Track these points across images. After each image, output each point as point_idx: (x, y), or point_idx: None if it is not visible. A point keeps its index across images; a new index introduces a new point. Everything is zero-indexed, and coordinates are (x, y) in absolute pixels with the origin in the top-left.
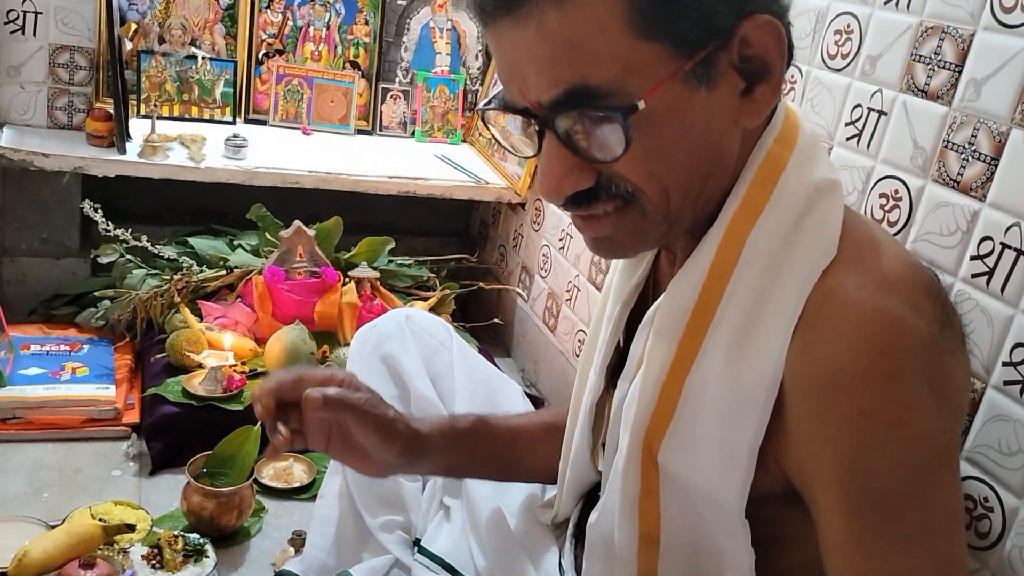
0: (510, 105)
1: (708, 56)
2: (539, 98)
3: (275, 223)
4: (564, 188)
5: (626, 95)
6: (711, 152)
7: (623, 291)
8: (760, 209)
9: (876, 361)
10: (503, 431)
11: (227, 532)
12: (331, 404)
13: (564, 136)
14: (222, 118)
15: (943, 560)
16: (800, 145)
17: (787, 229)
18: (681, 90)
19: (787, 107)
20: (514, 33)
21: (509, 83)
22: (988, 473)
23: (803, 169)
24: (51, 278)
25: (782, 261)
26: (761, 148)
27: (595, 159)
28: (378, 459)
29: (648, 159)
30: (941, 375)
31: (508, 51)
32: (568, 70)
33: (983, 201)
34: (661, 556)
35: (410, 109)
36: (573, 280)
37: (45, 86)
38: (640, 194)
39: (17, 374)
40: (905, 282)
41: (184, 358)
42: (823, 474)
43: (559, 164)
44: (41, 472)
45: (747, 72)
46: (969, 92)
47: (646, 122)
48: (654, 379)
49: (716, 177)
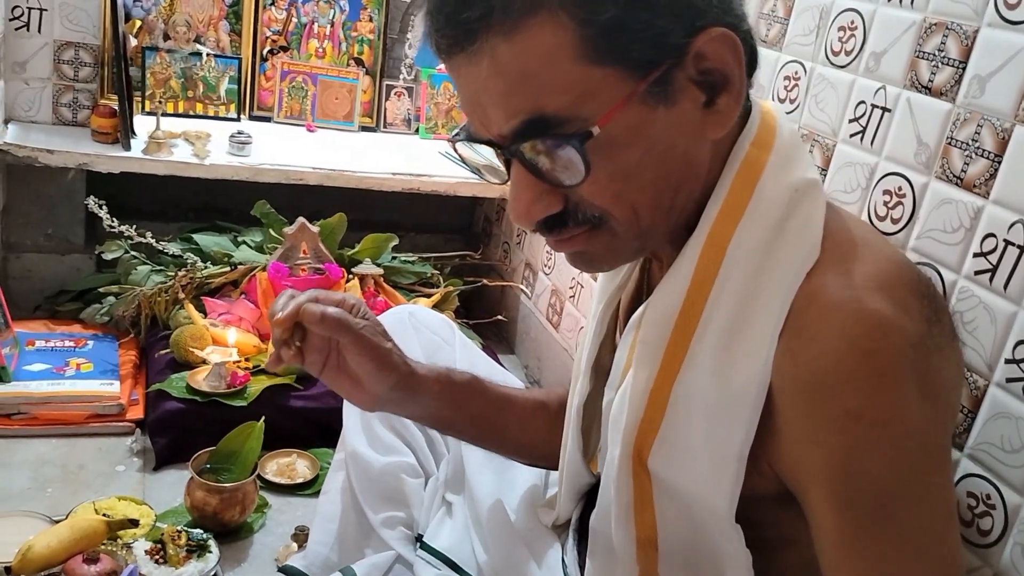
0: (476, 137)
1: (663, 75)
2: (500, 129)
3: (279, 220)
4: (533, 214)
5: (582, 121)
6: (677, 166)
7: (606, 292)
8: (740, 214)
9: (862, 362)
10: (495, 395)
11: (230, 527)
12: (328, 322)
13: (529, 164)
14: (226, 115)
15: (936, 559)
16: (778, 147)
17: (769, 232)
18: (639, 110)
19: (764, 109)
20: (470, 69)
21: (472, 116)
22: (990, 470)
23: (782, 171)
24: (56, 274)
25: (765, 265)
26: (737, 153)
27: (560, 184)
28: (370, 389)
29: (612, 181)
30: (930, 374)
31: (466, 86)
32: (524, 101)
33: (986, 198)
34: (661, 558)
35: (414, 106)
36: (576, 277)
37: (50, 83)
38: (608, 216)
39: (22, 370)
40: (891, 281)
41: (188, 354)
42: (814, 475)
43: (527, 191)
44: (45, 467)
45: (707, 84)
46: (973, 89)
47: (605, 145)
48: (642, 388)
49: (687, 189)
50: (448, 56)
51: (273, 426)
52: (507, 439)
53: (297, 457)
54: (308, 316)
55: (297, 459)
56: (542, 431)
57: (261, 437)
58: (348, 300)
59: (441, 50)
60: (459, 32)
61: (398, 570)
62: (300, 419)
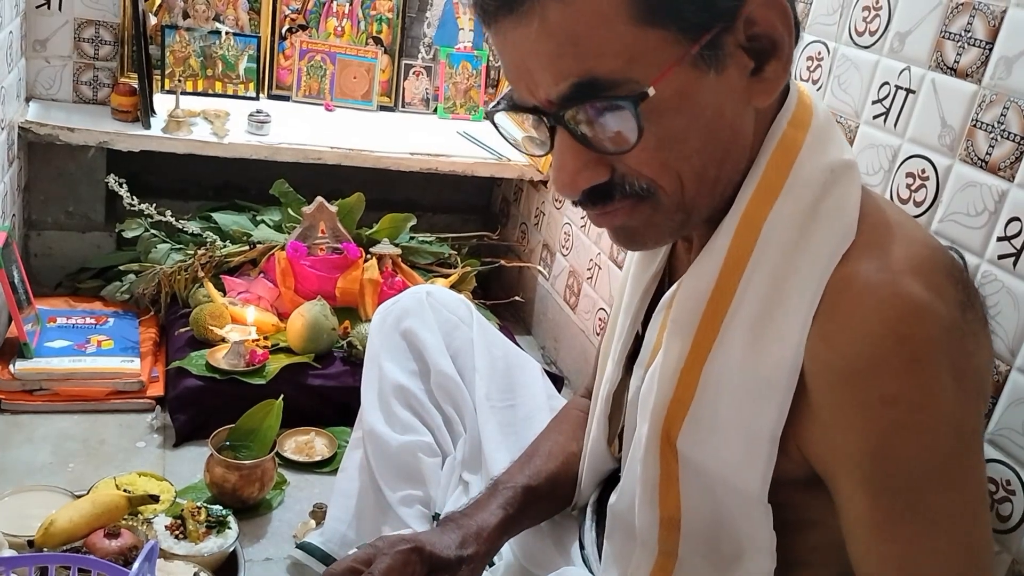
0: (520, 105)
1: (714, 39)
2: (548, 95)
3: (297, 199)
4: (579, 183)
5: (634, 83)
6: (725, 135)
7: (641, 281)
8: (776, 194)
9: (897, 347)
10: (545, 489)
11: (249, 504)
12: None
13: (576, 131)
14: (245, 93)
15: (967, 544)
16: (814, 127)
17: (804, 214)
18: (689, 75)
19: (800, 88)
20: (517, 31)
21: (517, 82)
22: (1011, 456)
23: (818, 151)
24: (77, 251)
25: (799, 247)
26: (775, 131)
27: (608, 151)
28: None
29: (660, 148)
30: (963, 359)
31: (513, 50)
32: (574, 64)
33: (1011, 181)
34: (682, 539)
35: (432, 85)
36: (594, 258)
37: (71, 61)
38: (655, 187)
39: (43, 346)
40: (925, 265)
41: (207, 332)
42: (846, 461)
43: (573, 159)
44: (67, 443)
45: (755, 51)
46: (1000, 70)
47: (656, 109)
48: (672, 367)
49: (732, 160)
50: (494, 18)
51: (292, 404)
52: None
53: (315, 435)
54: None
55: (315, 437)
56: None
57: (280, 415)
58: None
59: (487, 12)
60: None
61: None
62: (318, 397)
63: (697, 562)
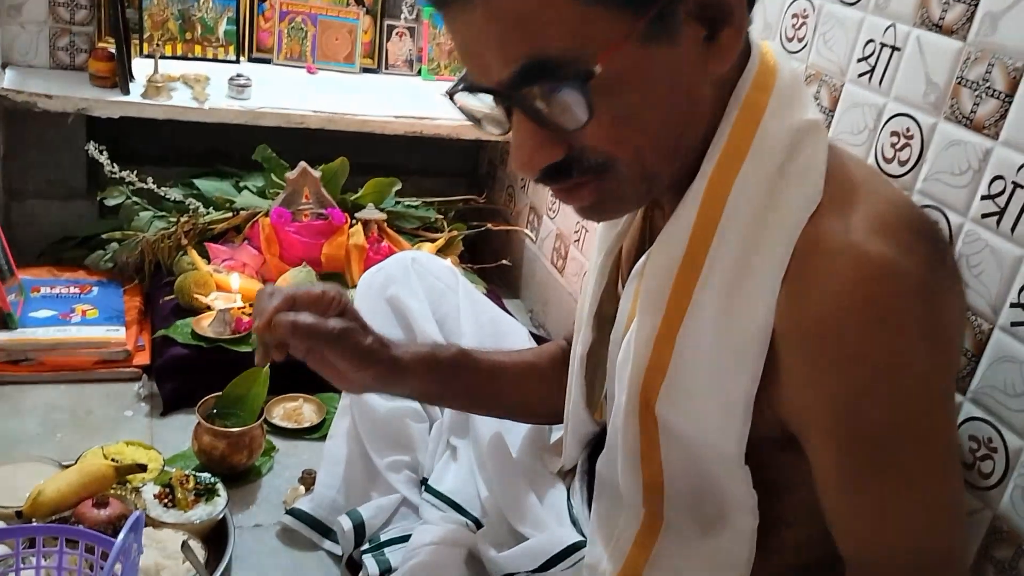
0: (475, 86)
1: (662, 11)
2: (499, 76)
3: (281, 164)
4: (536, 162)
5: (582, 62)
6: (681, 105)
7: (607, 240)
8: (742, 158)
9: (865, 306)
10: (484, 365)
11: (238, 471)
12: (300, 332)
13: (530, 110)
14: (225, 57)
15: (938, 498)
16: (778, 88)
17: (770, 176)
18: (640, 49)
19: (763, 50)
20: (465, 15)
21: (470, 65)
22: (993, 414)
23: (783, 113)
24: (59, 220)
25: (767, 209)
26: (738, 95)
27: (562, 129)
28: (355, 381)
29: (615, 123)
30: (933, 316)
31: (462, 34)
32: (521, 45)
33: (996, 139)
34: (666, 501)
35: (416, 47)
36: (581, 221)
37: (46, 26)
38: (612, 161)
39: (28, 316)
40: (893, 223)
41: (193, 300)
42: (816, 419)
43: (529, 139)
44: (54, 413)
45: (707, 19)
46: (985, 27)
47: (608, 85)
48: (647, 334)
49: (692, 128)
50: (444, 3)
51: (280, 371)
52: (500, 404)
53: (304, 401)
54: (280, 329)
55: (304, 403)
56: (535, 392)
57: (267, 382)
58: (328, 294)
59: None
60: None
61: (403, 512)
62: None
63: (683, 522)
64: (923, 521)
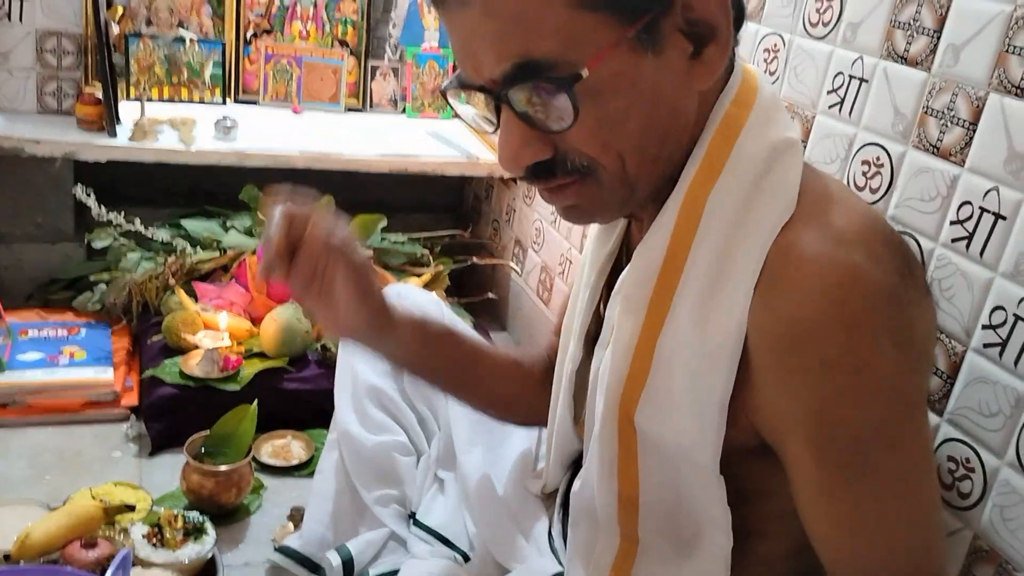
0: (467, 83)
1: (651, 22)
2: (491, 74)
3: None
4: (521, 159)
5: (571, 65)
6: (665, 116)
7: (598, 259)
8: (719, 171)
9: (835, 312)
10: (468, 347)
11: (227, 509)
12: (333, 247)
13: (519, 109)
14: (212, 99)
15: (913, 503)
16: (758, 106)
17: (746, 189)
18: (627, 57)
19: (745, 69)
20: (462, 12)
21: (463, 62)
22: (969, 435)
23: (761, 130)
24: (47, 263)
25: (743, 220)
26: (718, 111)
27: (548, 129)
28: (348, 319)
29: (599, 127)
30: (903, 324)
31: (458, 31)
32: (514, 44)
33: (963, 166)
34: (641, 518)
35: (400, 86)
36: (565, 253)
37: (34, 72)
38: (595, 165)
39: (16, 359)
40: (863, 234)
41: (180, 340)
42: (790, 426)
43: (516, 136)
44: (42, 455)
45: (694, 35)
46: (948, 57)
47: (593, 90)
48: (625, 344)
49: (673, 139)
50: (442, 2)
51: (267, 409)
52: (479, 391)
53: (292, 438)
54: (314, 239)
55: (292, 440)
56: (514, 387)
57: (255, 419)
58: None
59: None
60: None
61: (392, 546)
62: (294, 401)
63: (658, 545)
64: (901, 529)
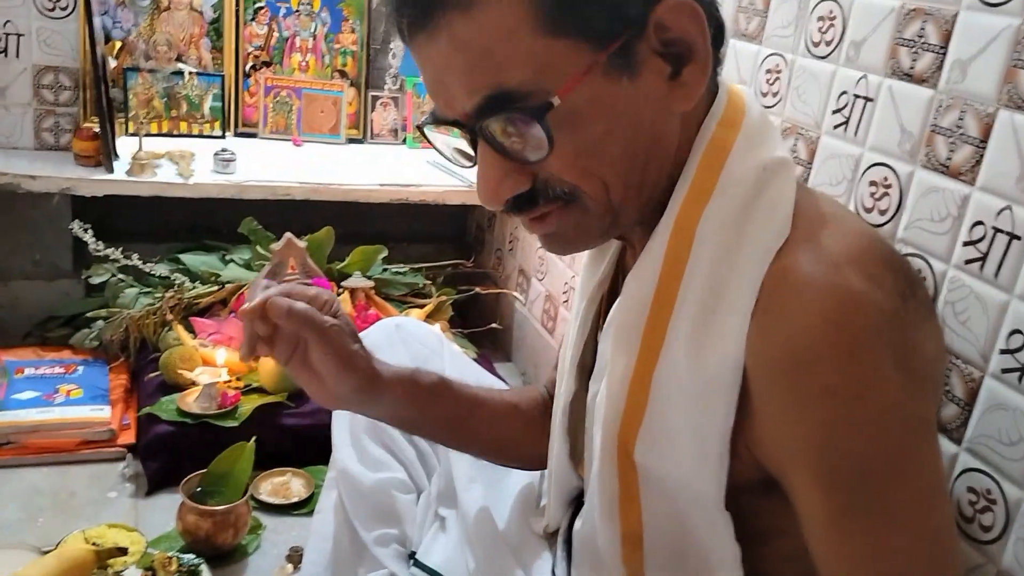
0: (441, 119)
1: (624, 46)
2: (463, 108)
3: (267, 236)
4: (501, 193)
5: (543, 94)
6: (645, 140)
7: (587, 289)
8: (708, 195)
9: (835, 338)
10: (463, 397)
11: (224, 551)
12: (294, 316)
13: (494, 142)
14: (211, 132)
15: (927, 533)
16: (746, 126)
17: (737, 213)
18: (601, 82)
19: (731, 89)
20: (430, 47)
21: (436, 97)
22: (990, 464)
23: (750, 151)
24: (45, 300)
25: (735, 246)
26: (704, 133)
27: (526, 160)
28: (332, 388)
29: (578, 155)
30: (906, 347)
31: (429, 66)
32: (484, 76)
33: (973, 185)
34: (646, 556)
35: (400, 116)
36: (569, 281)
37: (31, 108)
38: (578, 192)
39: (11, 399)
40: (862, 256)
41: (178, 376)
42: (794, 456)
43: (493, 170)
44: (36, 497)
45: (671, 56)
46: (954, 74)
47: (569, 117)
48: (620, 378)
49: (656, 163)
50: (410, 37)
51: (267, 445)
52: (477, 440)
53: (292, 476)
54: (274, 310)
55: (292, 478)
56: (513, 432)
57: (252, 457)
58: (321, 296)
59: (403, 31)
60: (417, 11)
61: None
62: (293, 437)
63: None
64: (916, 562)
